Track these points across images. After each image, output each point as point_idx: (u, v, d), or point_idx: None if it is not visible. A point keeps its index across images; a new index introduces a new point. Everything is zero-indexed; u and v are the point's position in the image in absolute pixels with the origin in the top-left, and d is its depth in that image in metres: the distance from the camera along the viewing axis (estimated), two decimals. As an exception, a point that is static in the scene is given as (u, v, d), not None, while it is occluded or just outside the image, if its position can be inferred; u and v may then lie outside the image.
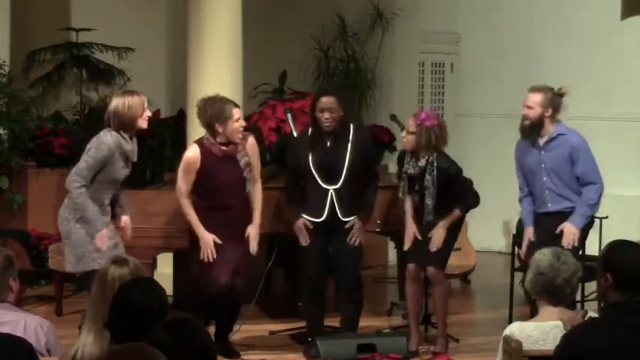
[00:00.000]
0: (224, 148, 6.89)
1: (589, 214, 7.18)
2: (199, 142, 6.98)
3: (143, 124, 6.63)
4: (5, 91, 9.31)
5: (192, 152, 6.95)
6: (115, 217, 6.87)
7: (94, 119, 6.70)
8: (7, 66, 9.38)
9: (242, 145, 6.94)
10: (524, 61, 10.86)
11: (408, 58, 11.22)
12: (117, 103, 6.59)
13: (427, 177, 7.05)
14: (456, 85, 11.52)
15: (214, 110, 6.84)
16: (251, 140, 7.04)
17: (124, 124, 6.55)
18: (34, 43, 10.21)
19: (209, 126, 6.90)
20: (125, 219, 6.87)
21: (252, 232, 7.03)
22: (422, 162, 7.08)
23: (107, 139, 6.53)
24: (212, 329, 6.92)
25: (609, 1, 10.62)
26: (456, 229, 7.32)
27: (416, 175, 7.12)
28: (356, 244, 7.07)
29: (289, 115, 7.63)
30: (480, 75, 11.33)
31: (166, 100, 10.59)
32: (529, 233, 7.26)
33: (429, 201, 7.08)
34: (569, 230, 7.08)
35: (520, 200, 7.38)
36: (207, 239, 6.90)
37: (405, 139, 7.17)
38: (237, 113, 6.88)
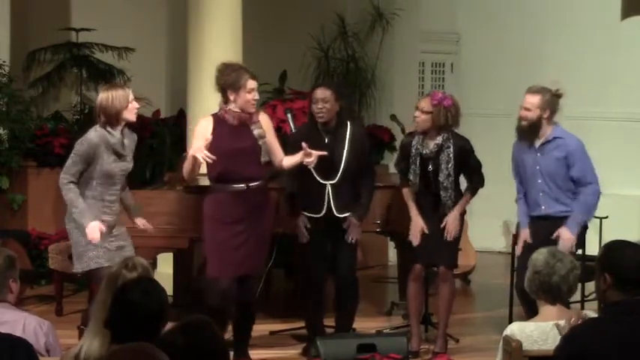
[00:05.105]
0: (239, 112, 6.74)
1: (585, 219, 7.08)
2: (214, 114, 6.85)
3: (130, 116, 6.59)
4: (5, 91, 9.32)
5: (205, 119, 6.82)
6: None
7: (94, 119, 6.67)
8: (7, 66, 9.40)
9: (256, 116, 6.83)
10: (524, 61, 10.87)
11: (408, 58, 11.23)
12: (101, 97, 6.59)
13: (444, 153, 7.07)
14: (456, 85, 11.52)
15: (229, 78, 6.75)
16: (263, 115, 6.97)
17: (109, 117, 6.53)
18: (34, 43, 10.22)
19: (222, 92, 6.80)
20: (139, 221, 6.87)
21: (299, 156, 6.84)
22: (438, 139, 7.10)
23: (90, 134, 6.54)
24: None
25: (609, 1, 10.63)
26: (460, 228, 7.32)
27: (431, 155, 7.12)
28: (352, 241, 7.06)
29: (289, 115, 7.63)
30: (480, 75, 11.34)
31: (166, 100, 10.60)
32: (524, 234, 7.17)
33: (444, 178, 7.08)
34: (565, 236, 6.98)
35: (517, 201, 7.35)
36: (197, 145, 6.58)
37: (418, 119, 7.11)
38: (251, 84, 6.75)
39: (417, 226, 7.19)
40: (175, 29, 10.03)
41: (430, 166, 7.13)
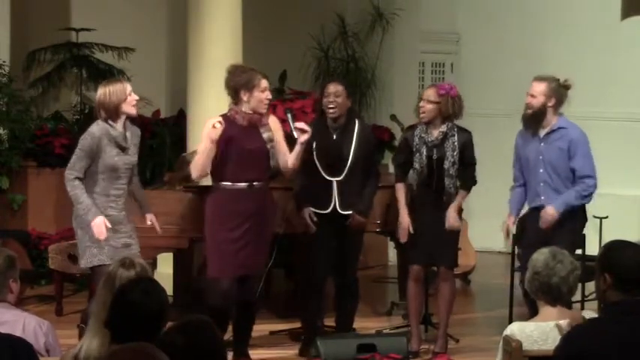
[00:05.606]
0: (249, 114, 6.73)
1: (574, 204, 7.04)
2: (223, 114, 6.82)
3: (129, 109, 6.59)
4: (5, 91, 9.32)
5: (214, 119, 6.77)
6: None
7: (95, 117, 6.69)
8: (7, 66, 9.40)
9: (265, 119, 6.84)
10: (525, 61, 10.86)
11: (408, 58, 11.23)
12: (100, 92, 6.62)
13: (449, 141, 7.10)
14: (456, 85, 11.45)
15: (241, 78, 6.74)
16: (272, 117, 6.95)
17: (109, 111, 6.55)
18: (34, 43, 10.22)
19: (235, 92, 6.77)
20: (149, 217, 6.87)
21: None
22: (443, 128, 7.13)
23: (92, 128, 6.56)
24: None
25: (609, 1, 10.63)
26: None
27: (436, 143, 7.12)
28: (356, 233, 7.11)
29: (289, 115, 7.63)
30: (480, 75, 11.33)
31: (166, 100, 10.60)
32: (510, 220, 7.24)
33: (449, 166, 7.08)
34: (547, 211, 7.01)
35: (511, 189, 7.36)
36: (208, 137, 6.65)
37: (424, 109, 7.13)
38: (264, 83, 6.76)
39: (404, 223, 7.19)
40: (175, 29, 10.03)
41: (435, 154, 7.13)
